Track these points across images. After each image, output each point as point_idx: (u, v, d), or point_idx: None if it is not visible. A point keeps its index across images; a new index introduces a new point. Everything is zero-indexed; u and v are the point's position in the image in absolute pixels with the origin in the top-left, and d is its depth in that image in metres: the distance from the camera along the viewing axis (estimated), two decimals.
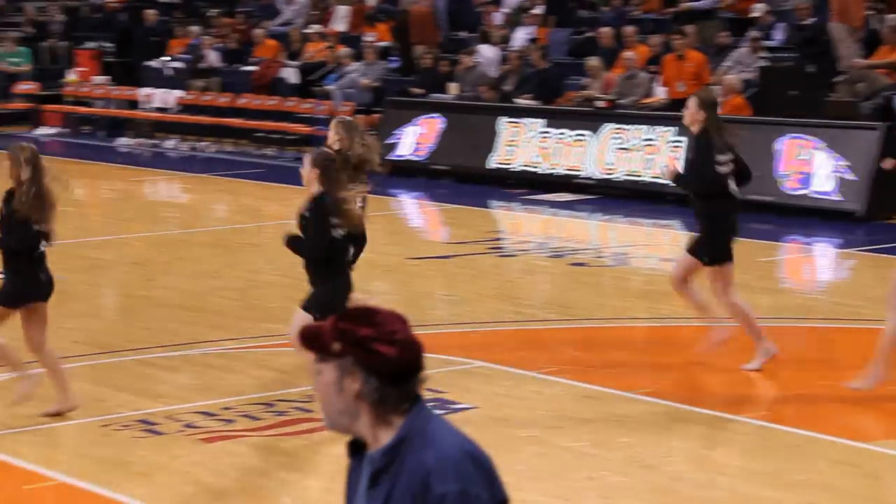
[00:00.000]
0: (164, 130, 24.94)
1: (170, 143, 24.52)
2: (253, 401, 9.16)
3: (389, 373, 3.07)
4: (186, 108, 24.90)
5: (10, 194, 8.78)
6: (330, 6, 26.51)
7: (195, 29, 26.93)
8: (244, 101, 23.89)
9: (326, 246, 8.50)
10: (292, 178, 21.00)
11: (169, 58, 26.49)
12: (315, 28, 25.43)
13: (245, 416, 8.85)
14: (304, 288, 12.79)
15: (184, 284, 13.00)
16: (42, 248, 8.77)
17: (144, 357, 10.33)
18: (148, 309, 11.87)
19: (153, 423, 8.65)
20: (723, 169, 9.62)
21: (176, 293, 12.60)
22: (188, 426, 8.59)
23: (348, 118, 11.11)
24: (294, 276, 13.40)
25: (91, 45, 28.35)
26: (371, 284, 13.49)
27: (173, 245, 15.34)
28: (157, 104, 25.21)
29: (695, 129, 9.76)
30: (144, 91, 25.60)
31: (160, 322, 11.35)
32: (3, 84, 27.75)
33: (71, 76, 27.45)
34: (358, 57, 23.32)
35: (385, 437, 3.10)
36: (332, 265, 8.60)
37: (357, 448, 3.19)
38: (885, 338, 9.04)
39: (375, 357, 3.06)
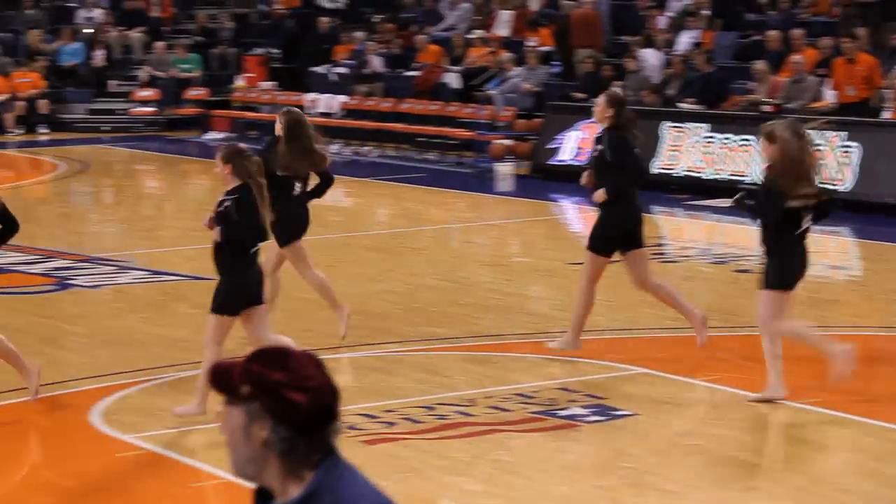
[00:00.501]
0: (328, 135, 25.20)
1: (333, 148, 24.75)
2: (414, 404, 9.21)
3: (300, 422, 2.83)
4: (350, 112, 25.18)
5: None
6: (493, 11, 26.56)
7: (360, 35, 27.22)
8: (407, 105, 24.08)
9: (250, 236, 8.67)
10: (454, 182, 21.24)
11: (334, 63, 26.82)
12: (478, 33, 25.51)
13: (406, 418, 8.90)
14: (467, 291, 12.86)
15: (346, 287, 13.11)
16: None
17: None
18: (311, 311, 11.99)
19: None
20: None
21: (338, 296, 12.71)
22: (351, 428, 8.66)
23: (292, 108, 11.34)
24: (455, 280, 13.49)
25: (259, 51, 28.85)
26: (530, 289, 13.48)
27: (336, 248, 15.49)
28: (321, 109, 25.54)
29: (605, 124, 10.27)
30: (310, 96, 25.96)
31: (323, 324, 11.45)
32: (174, 90, 28.39)
33: (239, 82, 27.97)
34: (520, 62, 23.33)
35: (294, 490, 2.87)
36: (244, 255, 8.71)
37: (264, 497, 2.95)
38: None
39: (285, 405, 2.81)
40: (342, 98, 25.39)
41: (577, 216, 19.22)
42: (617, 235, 10.25)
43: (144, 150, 25.68)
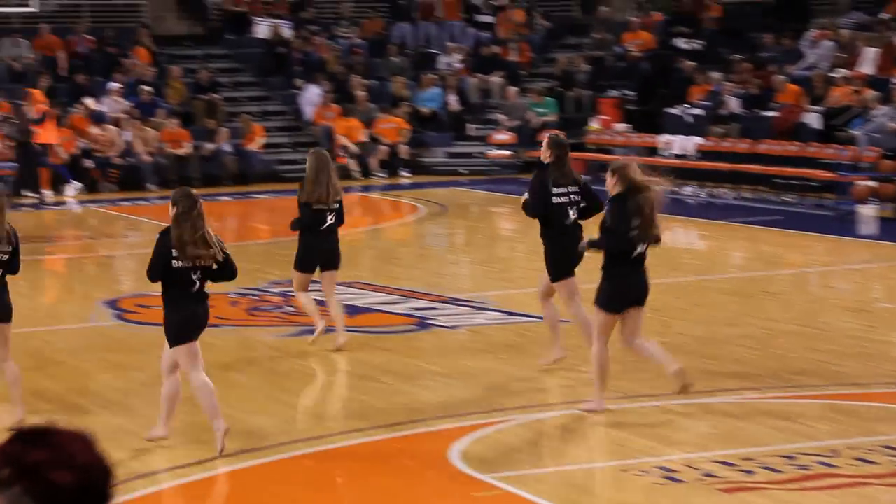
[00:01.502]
0: (682, 177, 25.05)
1: (688, 190, 24.59)
2: (773, 453, 8.96)
3: None
4: (705, 154, 24.91)
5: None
6: (857, 49, 25.81)
7: (716, 75, 26.94)
8: (764, 146, 23.63)
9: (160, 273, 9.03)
10: (813, 224, 20.69)
11: (689, 104, 26.63)
12: (841, 72, 24.83)
13: (765, 467, 8.66)
14: (827, 338, 12.47)
15: (700, 331, 12.95)
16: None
17: (663, 403, 10.33)
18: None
19: (672, 471, 8.63)
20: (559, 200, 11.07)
21: (692, 340, 12.57)
22: (707, 475, 8.50)
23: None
24: (814, 326, 13.10)
25: (613, 93, 28.94)
26: None
27: (690, 291, 15.32)
28: (676, 151, 25.37)
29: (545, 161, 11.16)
30: (664, 138, 25.84)
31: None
32: (530, 133, 28.79)
33: (593, 124, 28.11)
34: (885, 100, 22.56)
35: None
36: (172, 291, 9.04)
37: None
38: None
39: (47, 486, 2.50)
40: (697, 139, 25.15)
41: None
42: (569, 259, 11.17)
43: (500, 192, 26.11)
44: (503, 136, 29.11)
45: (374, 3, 34.25)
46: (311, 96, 30.14)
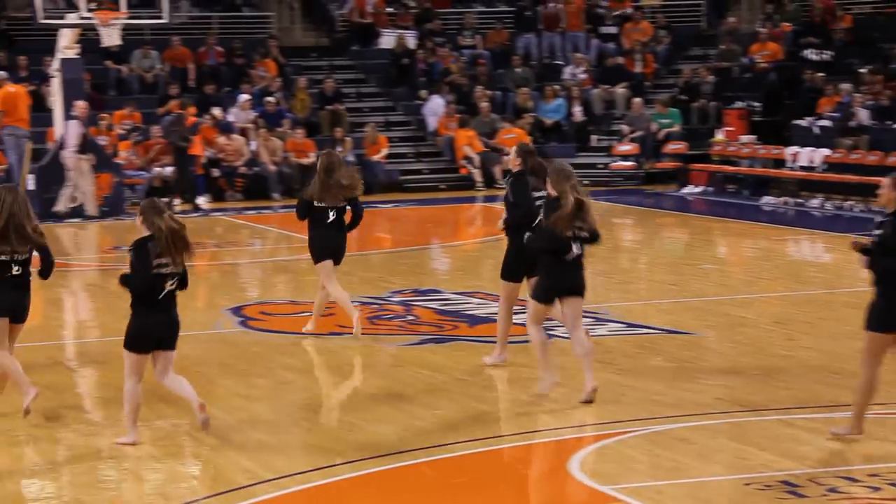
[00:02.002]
0: (809, 189, 24.72)
1: (815, 202, 24.25)
2: None
3: None
4: (833, 166, 24.54)
5: None
6: None
7: (846, 87, 26.54)
8: (894, 159, 23.21)
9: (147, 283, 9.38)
10: None
11: (818, 116, 26.26)
12: None
13: (893, 484, 8.50)
14: None
15: (826, 345, 12.76)
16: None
17: (786, 417, 10.19)
18: (789, 368, 11.72)
19: (796, 486, 8.50)
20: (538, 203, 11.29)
21: (818, 354, 12.39)
22: (831, 490, 8.36)
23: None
24: None
25: (739, 104, 28.65)
26: None
27: (816, 305, 15.11)
28: (803, 163, 25.04)
29: (514, 169, 11.82)
30: (791, 150, 25.51)
31: (802, 382, 11.17)
32: (653, 144, 28.63)
33: (719, 135, 27.86)
34: None
35: None
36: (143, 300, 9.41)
37: None
38: None
39: None
40: (825, 151, 24.80)
41: None
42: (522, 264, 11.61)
43: (623, 203, 25.98)
44: (626, 147, 28.98)
45: (499, 14, 34.30)
46: (435, 107, 30.27)
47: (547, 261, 10.71)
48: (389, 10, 33.74)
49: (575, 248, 10.63)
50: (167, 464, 9.23)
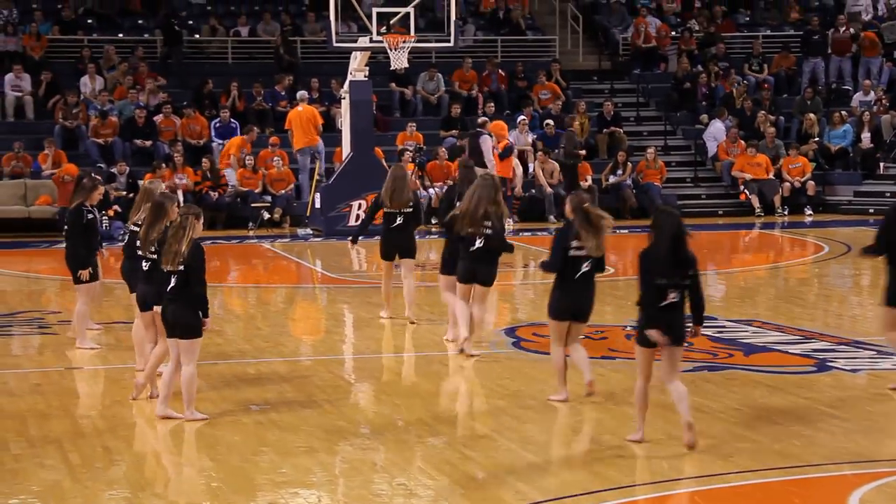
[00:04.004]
0: None
1: None
2: None
3: None
4: None
5: None
6: None
7: None
8: None
9: None
10: None
11: None
12: None
13: None
14: None
15: None
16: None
17: None
18: None
19: None
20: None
21: None
22: None
23: None
24: None
25: None
26: None
27: None
28: None
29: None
30: None
31: None
32: None
33: None
34: None
35: None
36: None
37: None
38: None
39: None
40: None
41: None
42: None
43: None
44: None
45: (786, 38, 33.68)
46: (715, 132, 29.92)
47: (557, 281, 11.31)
48: (673, 33, 33.53)
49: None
50: (439, 481, 9.33)
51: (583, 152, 28.04)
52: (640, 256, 9.91)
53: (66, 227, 14.16)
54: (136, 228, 12.11)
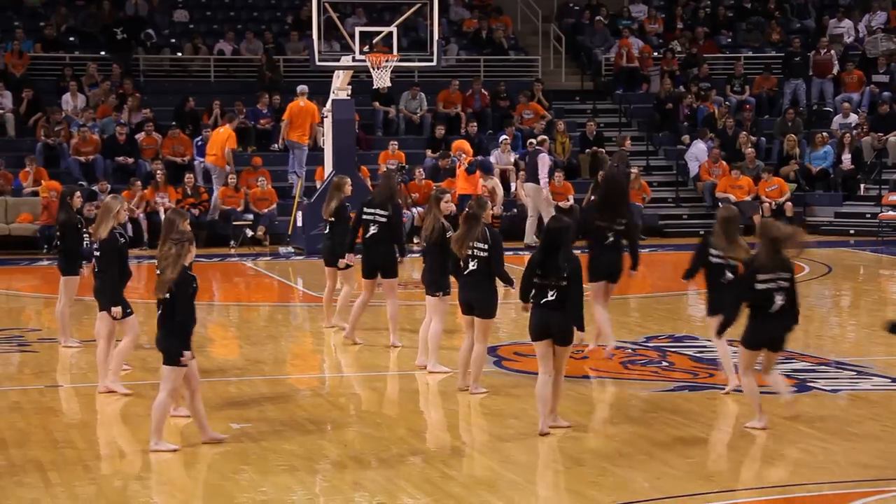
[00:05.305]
0: None
1: None
2: None
3: None
4: None
5: None
6: None
7: None
8: None
9: None
10: None
11: None
12: None
13: None
14: None
15: None
16: None
17: None
18: None
19: None
20: None
21: None
22: None
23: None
24: None
25: None
26: None
27: None
28: None
29: None
30: None
31: None
32: None
33: None
34: None
35: None
36: None
37: None
38: None
39: None
40: None
41: None
42: None
43: (890, 254, 25.21)
44: None
45: (768, 60, 33.80)
46: (698, 152, 30.00)
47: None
48: (656, 54, 33.63)
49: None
50: (419, 500, 9.32)
51: (636, 171, 27.60)
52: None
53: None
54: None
